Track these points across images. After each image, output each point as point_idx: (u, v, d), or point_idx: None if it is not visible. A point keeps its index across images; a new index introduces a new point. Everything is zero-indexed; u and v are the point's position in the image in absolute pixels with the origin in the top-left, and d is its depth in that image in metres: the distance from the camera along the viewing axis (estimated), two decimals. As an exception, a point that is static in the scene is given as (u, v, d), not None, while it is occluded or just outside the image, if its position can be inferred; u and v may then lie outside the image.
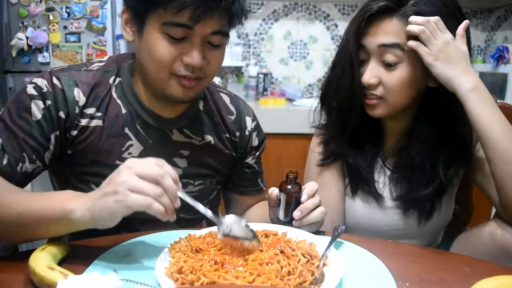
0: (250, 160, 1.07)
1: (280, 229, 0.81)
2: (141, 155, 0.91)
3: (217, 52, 0.86)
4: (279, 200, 0.85)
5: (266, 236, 0.77)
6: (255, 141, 1.07)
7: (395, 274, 0.69)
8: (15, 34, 2.46)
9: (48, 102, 0.85)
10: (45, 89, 0.85)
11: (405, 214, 1.01)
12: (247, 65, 3.39)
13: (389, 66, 0.89)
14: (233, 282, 0.61)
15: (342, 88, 0.95)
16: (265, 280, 0.62)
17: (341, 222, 1.04)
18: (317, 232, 0.86)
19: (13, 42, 2.46)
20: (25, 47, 2.48)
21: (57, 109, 0.85)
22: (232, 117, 1.04)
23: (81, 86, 0.88)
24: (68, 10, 2.52)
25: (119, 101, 0.91)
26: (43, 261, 0.66)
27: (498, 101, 1.19)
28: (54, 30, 2.53)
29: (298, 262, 0.67)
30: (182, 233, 0.80)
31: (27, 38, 2.48)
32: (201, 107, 1.00)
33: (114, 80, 0.92)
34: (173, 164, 0.95)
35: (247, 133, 1.05)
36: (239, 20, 0.86)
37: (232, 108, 1.04)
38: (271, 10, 3.37)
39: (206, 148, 0.99)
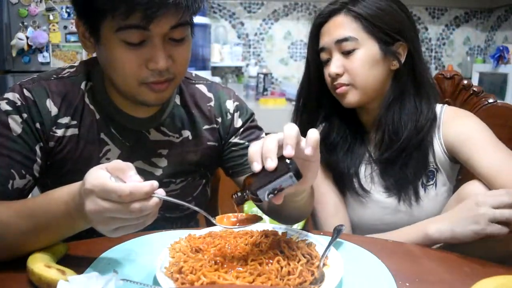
0: (233, 139, 1.02)
1: (279, 229, 0.81)
2: (119, 159, 0.84)
3: (182, 47, 0.82)
4: (268, 198, 0.65)
5: (266, 236, 0.77)
6: (238, 122, 1.02)
7: (395, 274, 0.69)
8: (15, 34, 2.47)
9: (25, 115, 0.83)
10: (19, 103, 0.83)
11: (398, 200, 1.04)
12: (247, 65, 3.40)
13: (348, 53, 0.99)
14: (233, 282, 0.61)
15: (312, 88, 1.09)
16: (265, 280, 0.62)
17: (349, 223, 1.09)
18: (317, 232, 0.86)
19: (13, 42, 2.46)
20: (25, 47, 2.49)
21: (33, 121, 0.83)
22: (211, 104, 1.00)
23: (52, 96, 0.86)
24: (68, 10, 2.52)
25: (92, 107, 0.89)
26: (41, 260, 0.66)
27: (498, 101, 1.19)
28: (54, 30, 2.53)
29: (298, 262, 0.67)
30: (182, 233, 0.80)
31: (27, 38, 2.48)
32: (178, 102, 0.97)
33: (86, 85, 0.89)
34: (152, 165, 0.93)
35: (229, 116, 1.01)
36: (198, 4, 0.78)
37: (210, 95, 1.01)
38: (271, 10, 3.37)
39: (186, 144, 0.97)
